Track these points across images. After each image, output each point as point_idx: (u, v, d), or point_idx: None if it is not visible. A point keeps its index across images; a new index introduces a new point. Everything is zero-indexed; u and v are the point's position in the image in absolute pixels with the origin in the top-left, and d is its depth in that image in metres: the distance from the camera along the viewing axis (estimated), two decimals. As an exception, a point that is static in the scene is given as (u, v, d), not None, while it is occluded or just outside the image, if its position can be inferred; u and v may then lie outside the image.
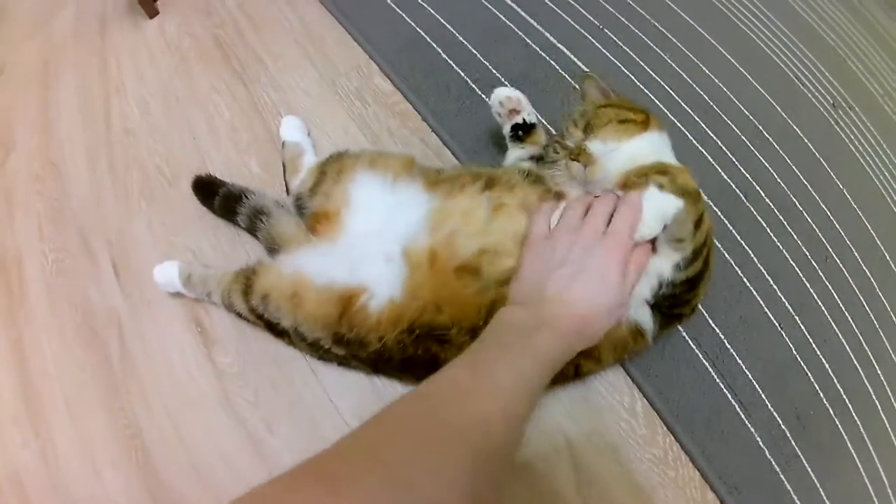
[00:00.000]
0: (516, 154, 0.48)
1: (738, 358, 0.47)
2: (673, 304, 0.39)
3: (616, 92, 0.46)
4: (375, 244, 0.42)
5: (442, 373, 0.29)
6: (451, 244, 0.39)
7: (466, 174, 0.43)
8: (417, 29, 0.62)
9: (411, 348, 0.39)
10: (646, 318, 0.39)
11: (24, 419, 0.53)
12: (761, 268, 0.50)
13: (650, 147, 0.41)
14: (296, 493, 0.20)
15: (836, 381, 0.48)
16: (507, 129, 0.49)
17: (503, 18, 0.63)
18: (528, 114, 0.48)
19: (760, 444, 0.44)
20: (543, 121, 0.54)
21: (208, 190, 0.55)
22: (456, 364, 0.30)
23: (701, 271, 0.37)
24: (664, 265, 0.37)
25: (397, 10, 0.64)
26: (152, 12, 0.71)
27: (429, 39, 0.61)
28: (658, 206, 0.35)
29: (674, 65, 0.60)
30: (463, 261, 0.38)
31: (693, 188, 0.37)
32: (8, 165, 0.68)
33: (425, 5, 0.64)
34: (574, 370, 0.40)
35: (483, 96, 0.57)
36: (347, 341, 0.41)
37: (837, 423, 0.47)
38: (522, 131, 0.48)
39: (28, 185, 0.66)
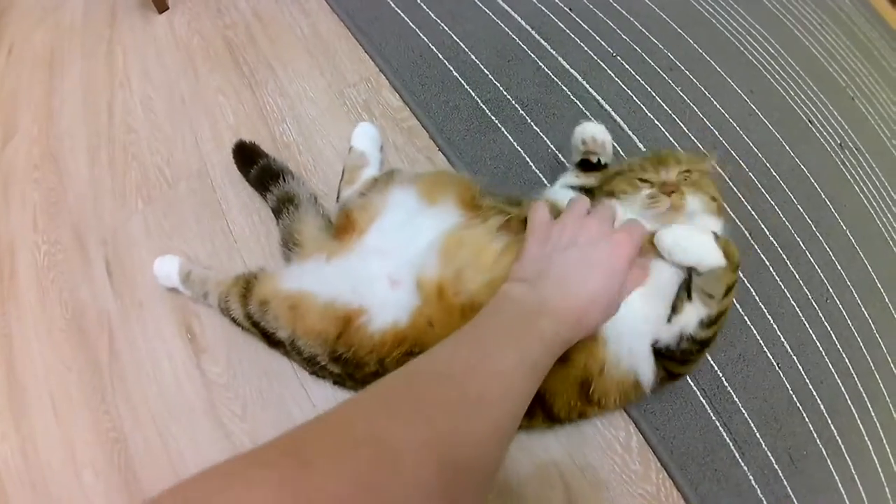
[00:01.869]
0: (569, 180, 0.47)
1: (735, 396, 0.46)
2: (682, 360, 0.39)
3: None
4: (382, 265, 0.41)
5: (441, 348, 0.27)
6: (459, 279, 0.38)
7: (497, 206, 0.42)
8: (430, 45, 0.61)
9: None
10: (646, 369, 0.39)
11: (6, 412, 0.51)
12: (762, 306, 0.50)
13: (717, 229, 0.41)
14: (263, 468, 0.18)
15: (830, 422, 0.48)
16: (575, 158, 0.48)
17: (517, 40, 0.62)
18: (607, 155, 0.46)
19: (753, 482, 0.44)
20: (561, 154, 0.54)
21: (248, 157, 0.54)
22: (456, 340, 0.28)
23: (712, 337, 0.38)
24: (691, 317, 0.37)
25: (411, 24, 0.63)
26: (162, 6, 0.70)
27: (441, 56, 0.60)
28: (704, 247, 0.36)
29: (685, 97, 0.60)
30: (469, 298, 0.37)
31: (737, 258, 0.37)
32: (7, 150, 0.67)
33: (440, 22, 0.63)
34: (578, 415, 0.40)
35: (493, 118, 0.57)
36: (345, 360, 0.40)
37: (829, 463, 0.46)
38: (591, 167, 0.47)
39: (26, 173, 0.65)
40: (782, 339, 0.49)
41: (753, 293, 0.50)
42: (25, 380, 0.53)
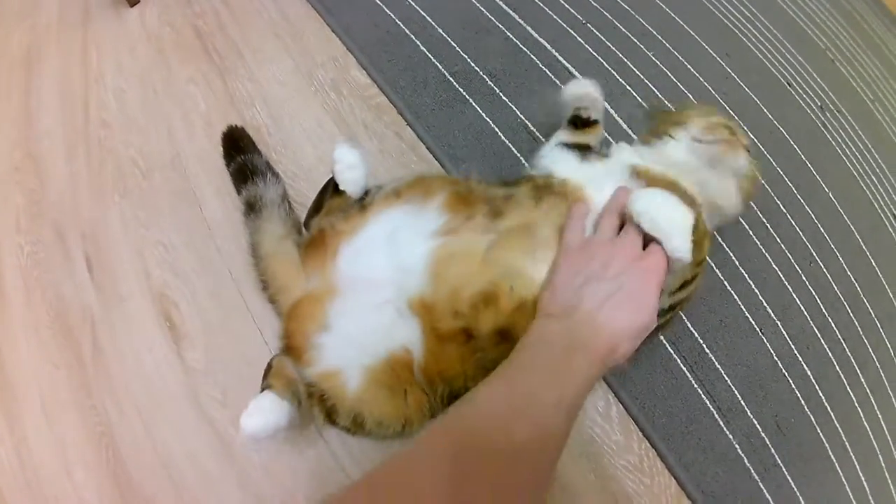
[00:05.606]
0: (563, 137, 0.44)
1: (717, 363, 0.46)
2: None
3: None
4: (379, 296, 0.37)
5: (480, 394, 0.27)
6: (455, 299, 0.35)
7: (480, 197, 0.40)
8: (396, 21, 0.61)
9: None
10: None
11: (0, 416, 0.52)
12: (743, 271, 0.49)
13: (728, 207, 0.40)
14: None
15: (818, 388, 0.47)
16: (566, 115, 0.45)
17: (484, 11, 0.62)
18: (597, 112, 0.44)
19: (739, 451, 0.44)
20: (530, 123, 0.53)
21: (231, 148, 0.53)
22: (494, 383, 0.28)
23: (664, 323, 0.37)
24: None
25: (377, 1, 0.62)
26: (133, 0, 0.70)
27: (407, 31, 0.60)
28: (675, 228, 0.33)
29: (658, 62, 0.59)
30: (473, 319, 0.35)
31: (703, 255, 0.35)
32: (-14, 156, 0.67)
33: (406, -3, 0.63)
34: None
35: (461, 90, 0.56)
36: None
37: (819, 431, 0.46)
38: (582, 123, 0.44)
39: (7, 176, 0.65)
40: (765, 305, 0.49)
41: (733, 258, 0.50)
42: (15, 381, 0.53)
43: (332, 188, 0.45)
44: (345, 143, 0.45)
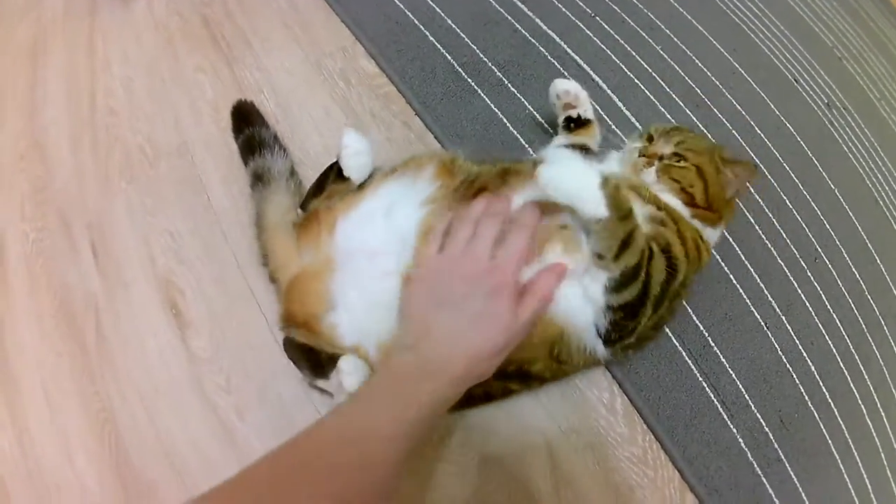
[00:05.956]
0: (562, 140, 0.47)
1: (721, 357, 0.46)
2: (618, 335, 0.37)
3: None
4: (380, 264, 0.38)
5: (331, 418, 0.31)
6: None
7: (462, 169, 0.41)
8: (405, 11, 0.61)
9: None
10: (599, 346, 0.38)
11: (2, 404, 0.51)
12: (749, 265, 0.49)
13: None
14: None
15: (822, 384, 0.47)
16: (560, 119, 0.47)
17: (493, 2, 0.62)
18: (585, 109, 0.46)
19: (743, 445, 0.44)
20: (538, 114, 0.54)
21: (240, 121, 0.53)
22: (343, 411, 0.31)
23: (639, 299, 0.35)
24: (593, 285, 0.35)
25: (387, -9, 0.63)
26: (141, -9, 0.70)
27: (416, 21, 0.60)
28: (582, 189, 0.33)
29: (666, 56, 0.59)
30: None
31: (626, 207, 0.35)
32: (-7, 144, 0.68)
33: (416, -12, 0.63)
34: (552, 376, 0.40)
35: (469, 80, 0.56)
36: None
37: (822, 427, 0.46)
38: (574, 124, 0.46)
39: (13, 164, 0.65)
40: (770, 299, 0.49)
41: (739, 251, 0.50)
42: (18, 369, 0.53)
43: (335, 173, 0.46)
44: (353, 129, 0.45)
